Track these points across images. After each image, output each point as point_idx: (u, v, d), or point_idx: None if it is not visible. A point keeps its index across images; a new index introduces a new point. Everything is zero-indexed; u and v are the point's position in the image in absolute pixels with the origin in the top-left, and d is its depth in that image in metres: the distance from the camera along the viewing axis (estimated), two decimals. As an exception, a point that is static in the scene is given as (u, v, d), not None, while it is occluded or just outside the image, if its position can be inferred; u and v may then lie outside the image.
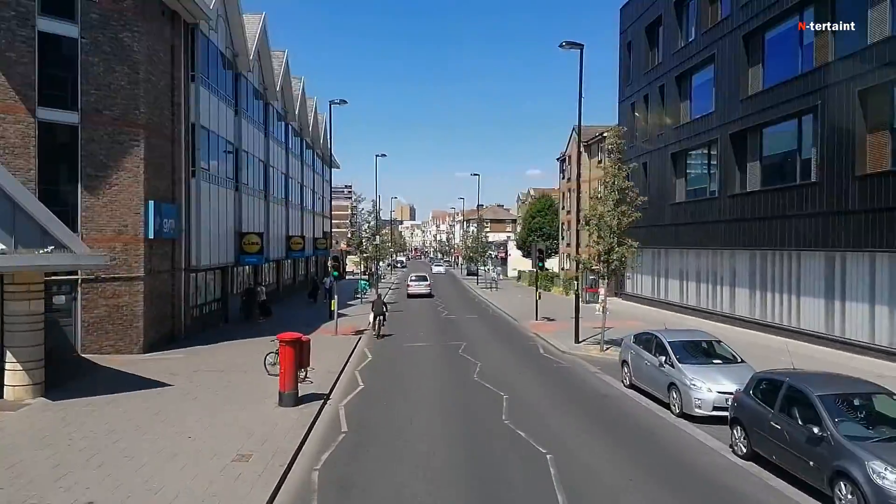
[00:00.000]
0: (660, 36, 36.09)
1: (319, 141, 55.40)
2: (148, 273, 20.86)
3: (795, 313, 24.02)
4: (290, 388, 14.25)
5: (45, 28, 18.79)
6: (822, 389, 10.08)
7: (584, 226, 23.40)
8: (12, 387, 14.43)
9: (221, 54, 28.22)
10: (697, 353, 15.55)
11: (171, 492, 9.31)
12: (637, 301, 38.73)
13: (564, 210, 61.63)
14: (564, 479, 10.19)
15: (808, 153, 23.04)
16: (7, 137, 18.09)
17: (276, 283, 40.19)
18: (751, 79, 26.71)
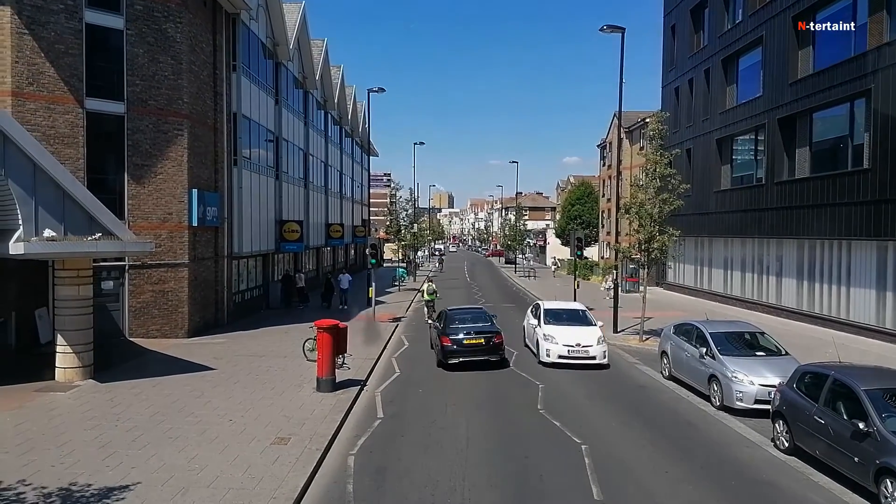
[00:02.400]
0: (705, 18, 35.16)
1: (358, 129, 55.73)
2: (192, 260, 21.37)
3: (845, 304, 23.30)
4: (328, 373, 14.47)
5: (92, 20, 19.28)
6: (868, 383, 9.76)
7: (624, 214, 23.03)
8: (63, 369, 14.99)
9: (262, 44, 28.55)
10: (739, 344, 15.19)
11: (212, 473, 9.56)
12: (679, 291, 38.08)
13: (604, 198, 60.79)
14: (599, 470, 10.12)
15: (860, 138, 22.22)
16: (57, 127, 18.67)
17: (315, 271, 40.74)
18: (800, 61, 25.82)
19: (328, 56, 41.18)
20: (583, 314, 19.83)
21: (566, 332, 18.22)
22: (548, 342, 18.03)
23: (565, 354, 17.61)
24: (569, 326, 18.57)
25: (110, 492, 8.81)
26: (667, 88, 40.08)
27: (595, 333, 18.24)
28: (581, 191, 67.46)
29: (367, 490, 9.40)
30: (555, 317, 19.28)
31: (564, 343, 17.77)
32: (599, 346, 17.86)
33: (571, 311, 20.24)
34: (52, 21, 18.45)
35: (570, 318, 19.32)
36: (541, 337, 18.40)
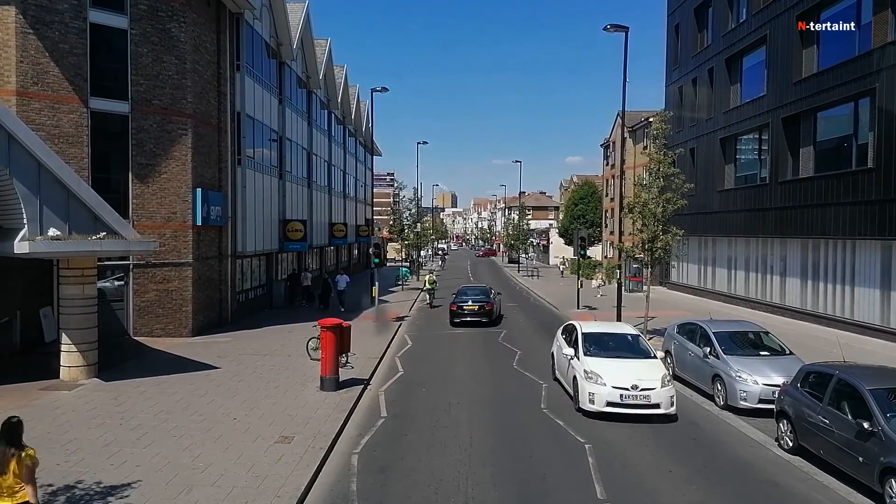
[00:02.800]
0: (709, 17, 35.10)
1: (362, 129, 55.77)
2: (196, 259, 21.42)
3: (849, 304, 23.24)
4: (332, 372, 14.49)
5: (97, 20, 19.32)
6: (873, 383, 9.74)
7: (628, 213, 23.00)
8: (67, 367, 15.03)
9: (266, 43, 28.59)
10: (743, 344, 15.17)
11: (216, 471, 9.58)
12: (683, 290, 38.03)
13: (608, 197, 60.74)
14: (603, 469, 10.12)
15: (865, 138, 22.16)
16: (61, 127, 18.72)
17: (319, 270, 40.79)
18: (804, 61, 25.76)
19: (332, 55, 41.21)
20: (634, 340, 14.90)
21: (617, 368, 13.26)
22: (591, 383, 13.00)
23: (617, 401, 12.67)
24: (619, 360, 13.73)
25: (115, 490, 8.83)
26: (670, 88, 40.02)
27: (657, 370, 13.35)
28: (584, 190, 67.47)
29: (370, 489, 9.41)
30: (598, 344, 14.47)
31: (615, 384, 12.81)
32: (665, 389, 12.87)
33: (619, 336, 15.16)
34: (56, 21, 18.50)
35: (620, 347, 14.50)
36: (580, 374, 13.42)
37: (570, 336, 15.40)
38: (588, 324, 16.08)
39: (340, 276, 30.15)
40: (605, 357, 13.85)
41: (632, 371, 13.17)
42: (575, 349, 14.42)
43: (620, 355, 14.03)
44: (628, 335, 15.19)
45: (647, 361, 13.84)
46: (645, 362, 13.77)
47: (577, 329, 15.22)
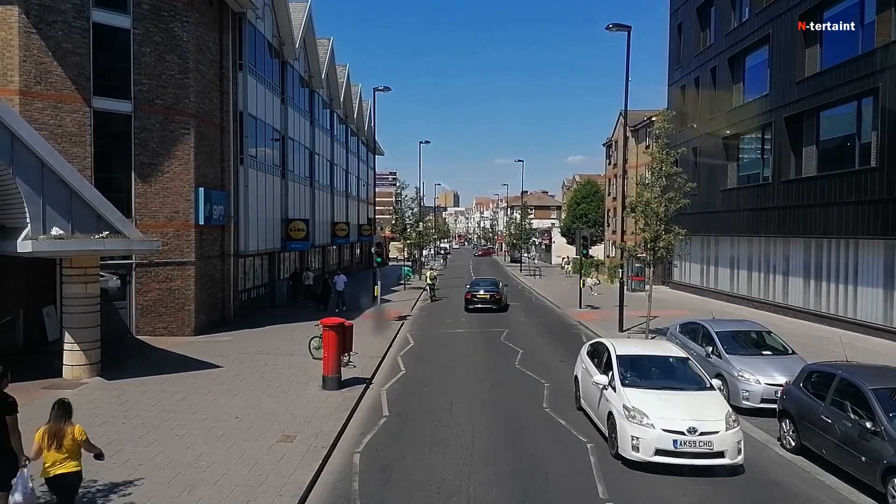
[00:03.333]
0: (712, 16, 35.06)
1: (364, 128, 55.81)
2: (199, 258, 21.45)
3: (852, 303, 23.21)
4: (334, 372, 14.50)
5: (99, 19, 19.36)
6: (876, 383, 9.72)
7: (630, 213, 22.98)
8: (70, 366, 15.07)
9: (268, 43, 28.61)
10: (746, 343, 15.16)
11: (218, 470, 9.60)
12: (685, 290, 37.99)
13: (610, 196, 60.69)
14: (605, 468, 10.11)
15: (868, 137, 22.12)
16: (64, 126, 18.76)
17: (321, 269, 40.82)
18: (807, 60, 25.72)
19: (334, 55, 41.24)
20: (683, 365, 11.91)
21: (666, 403, 10.40)
22: (634, 423, 10.09)
23: (669, 448, 9.98)
24: (668, 392, 10.85)
25: (117, 488, 8.86)
26: (673, 87, 39.97)
27: (718, 406, 10.50)
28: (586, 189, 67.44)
29: (372, 487, 9.42)
30: (637, 370, 11.60)
31: (667, 427, 9.91)
32: (731, 433, 10.00)
33: (663, 359, 12.12)
34: (59, 20, 18.54)
35: (666, 374, 11.67)
36: (618, 410, 10.48)
37: (599, 358, 12.58)
38: (623, 343, 12.99)
39: (339, 277, 29.88)
40: (650, 388, 10.99)
41: (685, 407, 10.40)
42: (609, 376, 11.44)
43: (668, 386, 11.22)
44: (675, 358, 12.18)
45: (703, 395, 10.97)
46: (700, 395, 10.92)
47: (609, 350, 12.19)
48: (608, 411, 11.02)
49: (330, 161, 42.69)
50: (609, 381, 11.34)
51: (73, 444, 7.10)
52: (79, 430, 7.19)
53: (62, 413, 7.17)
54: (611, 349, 12.19)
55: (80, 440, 7.15)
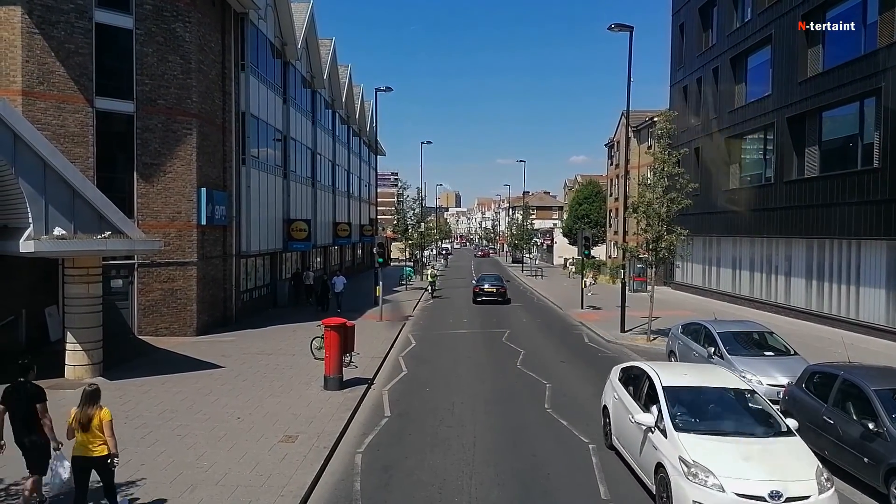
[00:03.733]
0: (714, 17, 35.03)
1: (366, 128, 55.83)
2: (201, 258, 21.47)
3: (854, 304, 23.16)
4: (335, 372, 14.51)
5: (102, 20, 19.39)
6: (878, 383, 9.69)
7: (632, 213, 22.96)
8: (72, 366, 15.08)
9: (270, 43, 28.63)
10: (748, 344, 15.15)
11: (220, 470, 9.60)
12: (687, 290, 37.94)
13: (612, 197, 60.66)
14: (607, 469, 10.10)
15: (870, 137, 22.09)
16: (67, 126, 18.79)
17: (322, 270, 40.84)
18: (809, 60, 25.68)
19: (336, 55, 41.25)
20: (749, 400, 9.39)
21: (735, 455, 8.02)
22: (696, 484, 7.71)
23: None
24: (735, 440, 8.37)
25: (119, 488, 8.81)
26: (675, 87, 39.93)
27: (803, 457, 8.22)
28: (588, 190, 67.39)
29: (374, 488, 9.42)
30: (692, 409, 9.10)
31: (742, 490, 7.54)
32: (826, 497, 7.73)
33: (723, 393, 9.54)
34: (62, 21, 18.57)
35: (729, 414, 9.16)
36: (672, 464, 8.10)
37: (637, 387, 10.11)
38: (667, 369, 10.26)
39: (337, 278, 29.54)
40: (711, 434, 8.47)
41: (762, 461, 7.93)
42: (654, 415, 8.91)
43: (734, 430, 8.65)
44: (737, 391, 9.51)
45: (780, 442, 8.49)
46: (777, 443, 8.45)
47: (651, 379, 9.70)
48: (656, 462, 8.51)
49: (332, 161, 42.71)
50: (656, 422, 8.79)
51: (100, 424, 7.52)
52: (106, 413, 7.61)
53: (90, 398, 7.63)
54: (654, 377, 9.65)
55: (105, 422, 7.53)
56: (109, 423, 7.60)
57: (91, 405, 7.58)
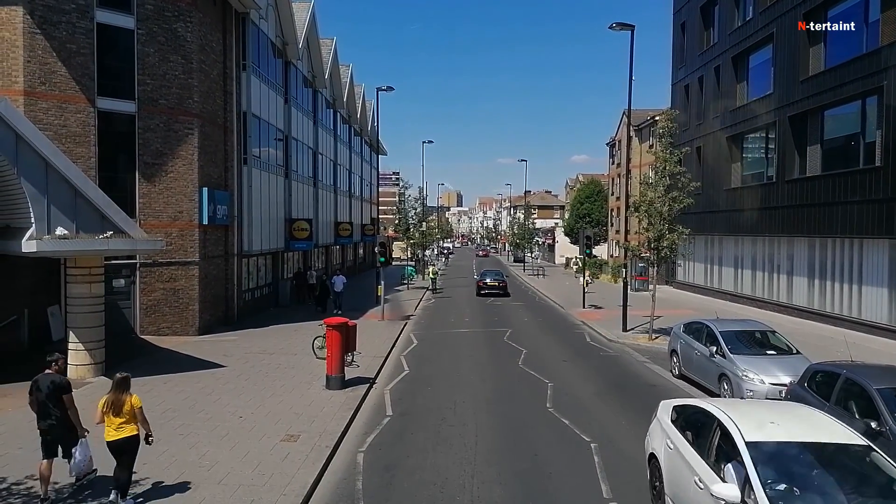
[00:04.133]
0: (715, 15, 34.99)
1: (367, 128, 55.84)
2: (203, 258, 21.49)
3: (857, 303, 23.13)
4: (337, 371, 14.52)
5: (103, 20, 19.41)
6: (881, 382, 9.67)
7: (634, 212, 22.95)
8: (75, 366, 15.10)
9: (271, 43, 28.64)
10: (750, 343, 15.10)
11: (222, 470, 9.62)
12: (689, 289, 37.91)
13: (613, 196, 60.62)
14: (609, 468, 10.10)
15: (872, 136, 22.05)
16: (68, 126, 18.81)
17: (324, 269, 40.87)
18: (811, 59, 25.64)
19: (337, 55, 41.26)
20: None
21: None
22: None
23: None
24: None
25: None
26: (676, 86, 39.89)
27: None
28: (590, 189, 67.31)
29: (376, 487, 9.42)
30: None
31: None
32: None
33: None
34: (63, 21, 18.59)
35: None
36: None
37: (704, 437, 7.53)
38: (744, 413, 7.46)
39: (337, 277, 29.05)
40: None
41: None
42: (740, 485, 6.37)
43: None
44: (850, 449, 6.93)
45: None
46: None
47: (726, 428, 7.10)
48: None
49: (333, 161, 42.73)
50: (743, 495, 6.25)
51: (131, 411, 8.25)
52: (136, 399, 8.34)
53: (122, 385, 8.33)
54: (730, 427, 7.04)
55: (137, 407, 8.29)
56: (140, 408, 8.32)
57: (122, 391, 8.28)
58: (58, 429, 8.51)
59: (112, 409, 8.20)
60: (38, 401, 8.55)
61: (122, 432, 8.25)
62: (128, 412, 8.24)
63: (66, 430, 8.55)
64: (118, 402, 8.23)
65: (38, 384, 8.60)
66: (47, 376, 8.62)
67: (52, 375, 8.62)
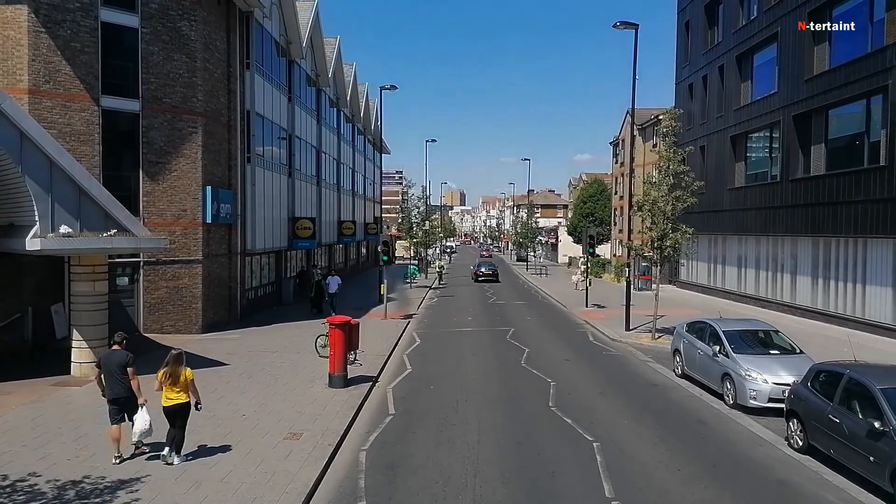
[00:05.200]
0: (719, 14, 34.90)
1: (370, 126, 55.84)
2: (206, 256, 21.53)
3: (860, 303, 23.06)
4: (340, 370, 14.53)
5: (108, 18, 19.44)
6: (884, 382, 9.65)
7: (637, 211, 22.91)
8: (79, 364, 15.16)
9: (275, 42, 28.66)
10: (753, 342, 15.07)
11: (225, 467, 9.64)
12: (692, 289, 37.86)
13: (617, 195, 60.53)
14: (611, 467, 10.09)
15: (877, 135, 21.98)
16: (73, 125, 18.85)
17: (327, 268, 40.91)
18: (816, 58, 25.57)
19: (341, 54, 41.28)
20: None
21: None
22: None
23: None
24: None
25: (124, 484, 8.91)
26: (680, 85, 39.81)
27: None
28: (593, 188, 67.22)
29: (378, 485, 9.43)
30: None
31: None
32: None
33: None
34: (68, 19, 18.63)
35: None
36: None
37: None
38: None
39: (332, 278, 28.09)
40: None
41: None
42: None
43: None
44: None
45: None
46: None
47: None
48: None
49: (336, 160, 42.75)
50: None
51: (185, 382, 9.68)
52: (189, 372, 9.77)
53: (177, 360, 9.74)
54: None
55: (189, 379, 9.71)
56: (192, 380, 9.76)
57: (178, 365, 9.69)
58: (123, 398, 9.89)
59: (170, 380, 9.60)
60: (105, 374, 9.89)
61: (177, 399, 9.67)
62: (182, 382, 9.66)
63: (130, 398, 9.89)
64: (175, 373, 9.62)
65: (104, 360, 10.01)
66: (113, 352, 10.06)
67: (117, 352, 10.05)
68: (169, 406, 9.71)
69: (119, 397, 9.90)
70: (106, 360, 10.01)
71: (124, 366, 9.91)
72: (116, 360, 9.92)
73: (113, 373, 9.87)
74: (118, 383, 9.89)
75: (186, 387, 9.72)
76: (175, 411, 9.75)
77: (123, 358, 9.95)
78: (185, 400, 9.77)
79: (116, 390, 9.90)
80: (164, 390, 9.66)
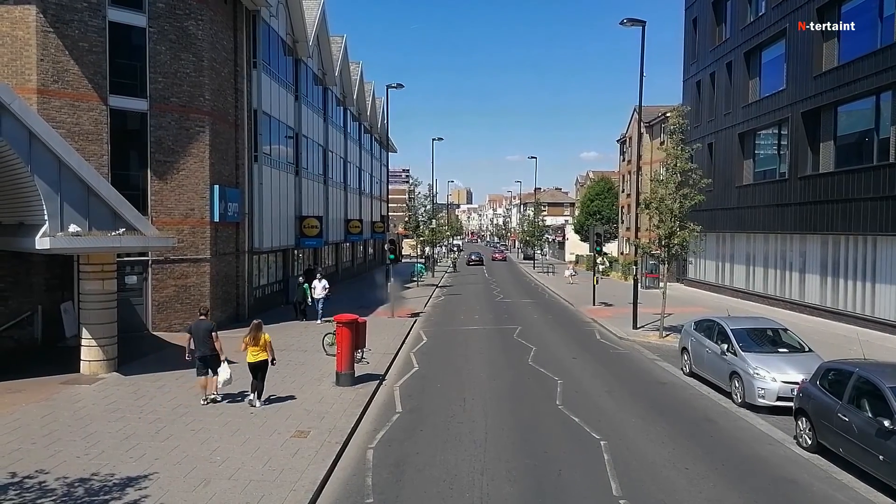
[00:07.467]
0: (727, 11, 34.73)
1: (377, 125, 55.85)
2: (214, 255, 21.60)
3: (870, 301, 22.93)
4: (347, 368, 14.56)
5: (115, 18, 19.52)
6: (894, 380, 9.58)
7: (644, 209, 22.84)
8: (88, 362, 15.24)
9: (282, 40, 28.71)
10: (762, 341, 15.01)
11: (233, 465, 9.67)
12: (700, 287, 37.73)
13: (624, 193, 60.34)
14: (619, 466, 10.07)
15: (886, 132, 21.82)
16: (81, 124, 18.94)
17: (335, 267, 40.98)
18: (825, 54, 25.40)
19: (347, 52, 41.29)
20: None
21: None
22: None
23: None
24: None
25: (133, 481, 8.95)
26: (688, 82, 39.64)
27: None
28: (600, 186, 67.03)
29: (385, 483, 9.45)
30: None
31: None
32: None
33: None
34: (76, 19, 18.71)
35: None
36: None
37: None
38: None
39: (317, 282, 24.54)
40: None
41: None
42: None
43: None
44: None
45: None
46: None
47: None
48: None
49: (343, 158, 42.78)
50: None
51: (264, 343, 12.55)
52: (267, 336, 12.66)
53: (258, 327, 12.61)
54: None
55: (267, 341, 12.62)
56: (269, 342, 12.65)
57: (258, 331, 12.51)
58: (208, 356, 12.60)
59: (252, 341, 12.43)
60: (194, 338, 12.61)
61: (258, 357, 12.52)
62: (262, 344, 12.49)
63: (212, 356, 12.63)
64: (256, 336, 12.47)
65: (194, 327, 12.85)
66: (200, 321, 12.96)
67: (203, 321, 12.99)
68: (252, 362, 12.49)
69: (205, 355, 12.59)
70: (196, 327, 12.80)
71: (210, 331, 12.69)
72: (204, 327, 12.74)
73: (201, 336, 12.58)
74: (204, 344, 12.58)
75: (265, 347, 12.49)
76: (257, 366, 12.53)
77: (209, 325, 12.86)
78: (264, 357, 12.55)
79: (203, 350, 12.58)
80: (249, 350, 12.42)
